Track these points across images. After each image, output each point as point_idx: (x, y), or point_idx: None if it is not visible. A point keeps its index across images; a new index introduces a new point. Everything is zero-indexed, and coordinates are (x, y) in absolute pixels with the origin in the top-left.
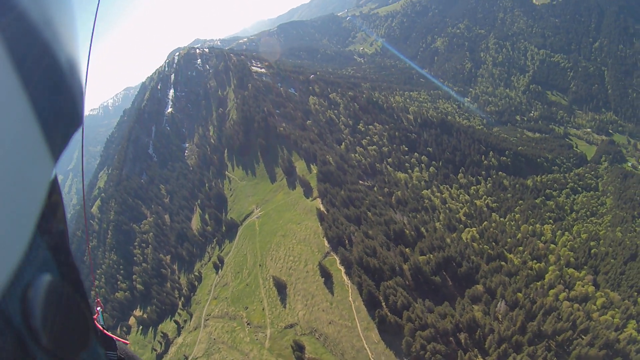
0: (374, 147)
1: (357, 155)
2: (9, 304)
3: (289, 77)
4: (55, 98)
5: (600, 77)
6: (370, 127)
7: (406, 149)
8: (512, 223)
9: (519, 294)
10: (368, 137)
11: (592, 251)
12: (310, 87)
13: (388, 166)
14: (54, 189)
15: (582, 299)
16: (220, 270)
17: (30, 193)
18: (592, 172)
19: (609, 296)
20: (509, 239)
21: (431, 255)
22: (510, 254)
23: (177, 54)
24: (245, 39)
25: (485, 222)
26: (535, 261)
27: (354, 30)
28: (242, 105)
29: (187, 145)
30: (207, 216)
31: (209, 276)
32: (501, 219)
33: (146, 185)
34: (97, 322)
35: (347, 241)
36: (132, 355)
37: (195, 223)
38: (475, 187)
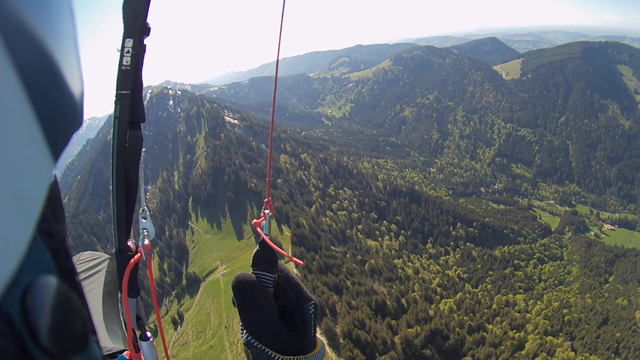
0: (344, 212)
1: (327, 219)
2: (9, 304)
3: (262, 132)
4: (55, 98)
5: (565, 151)
6: (340, 191)
7: (376, 216)
8: (485, 293)
9: None
10: (338, 202)
11: (566, 318)
12: (282, 145)
13: (358, 233)
14: (54, 189)
15: None
16: (179, 326)
17: (30, 194)
18: (557, 242)
19: (590, 359)
20: (486, 310)
21: (419, 328)
22: (489, 324)
23: (150, 91)
24: (216, 87)
25: (460, 293)
26: (515, 331)
27: (323, 93)
28: (213, 155)
29: (149, 187)
30: (165, 266)
31: (166, 331)
32: (474, 289)
33: (103, 223)
34: (261, 229)
35: (328, 311)
36: (286, 272)
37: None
38: (444, 257)
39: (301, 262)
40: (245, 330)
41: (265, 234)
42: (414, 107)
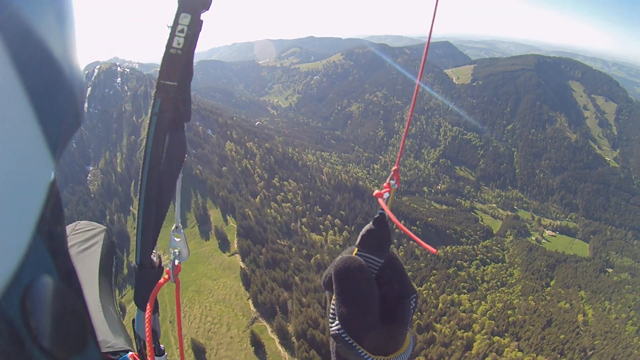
0: (289, 204)
1: (272, 211)
2: (9, 304)
3: (208, 117)
4: (55, 98)
5: (510, 157)
6: (285, 183)
7: (320, 210)
8: (430, 292)
9: None
10: (282, 193)
11: (510, 319)
12: (228, 132)
13: (303, 226)
14: (54, 189)
15: None
16: (122, 319)
17: (30, 194)
18: (499, 245)
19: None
20: (433, 309)
21: None
22: (437, 324)
23: (98, 67)
24: None
25: None
26: (462, 331)
27: (271, 81)
28: None
29: (91, 168)
30: None
31: None
32: (419, 287)
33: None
34: (384, 201)
35: (278, 309)
36: (394, 257)
37: None
38: None
39: (434, 250)
40: (338, 322)
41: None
42: (362, 103)
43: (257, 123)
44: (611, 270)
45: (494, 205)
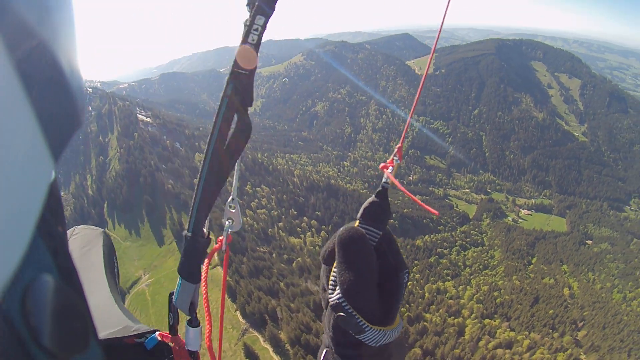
0: (264, 210)
1: (248, 219)
2: (9, 304)
3: (175, 130)
4: (55, 98)
5: (479, 142)
6: (258, 189)
7: (295, 212)
8: (415, 283)
9: (456, 351)
10: (257, 200)
11: (498, 300)
12: (196, 143)
13: (280, 231)
14: (54, 190)
15: (507, 345)
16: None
17: (30, 194)
18: (476, 229)
19: (531, 337)
20: (420, 300)
21: None
22: (427, 313)
23: None
24: (127, 84)
25: None
26: (453, 317)
27: None
28: (127, 156)
29: (62, 194)
30: None
31: None
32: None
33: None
34: (388, 174)
35: (268, 317)
36: (390, 233)
37: None
38: None
39: (436, 212)
40: (339, 291)
41: (388, 185)
42: (326, 102)
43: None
44: (590, 241)
45: (467, 190)
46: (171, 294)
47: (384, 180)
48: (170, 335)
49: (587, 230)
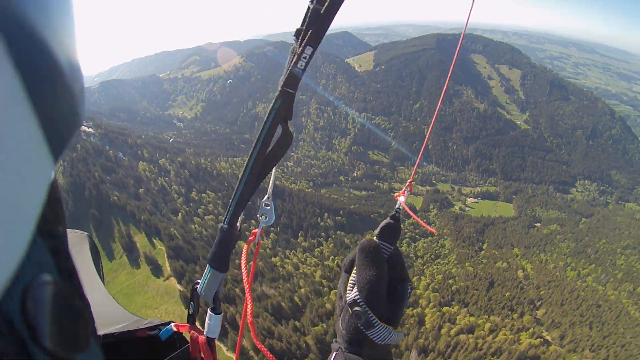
0: (211, 216)
1: (196, 226)
2: (9, 304)
3: (117, 139)
4: (55, 98)
5: (421, 135)
6: (204, 195)
7: (243, 216)
8: None
9: (420, 340)
10: (203, 206)
11: (453, 288)
12: (139, 152)
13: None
14: (54, 189)
15: (468, 330)
16: None
17: (30, 194)
18: (424, 220)
19: (491, 320)
20: None
21: (324, 324)
22: None
23: None
24: None
25: None
26: (411, 308)
27: (174, 93)
28: (71, 169)
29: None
30: None
31: None
32: None
33: None
34: (402, 202)
35: (228, 325)
36: (399, 250)
37: None
38: (318, 249)
39: (434, 230)
40: (357, 290)
41: (400, 210)
42: (267, 103)
43: (172, 140)
44: (539, 224)
45: (413, 183)
46: (195, 285)
47: (397, 206)
48: (188, 325)
49: (535, 214)
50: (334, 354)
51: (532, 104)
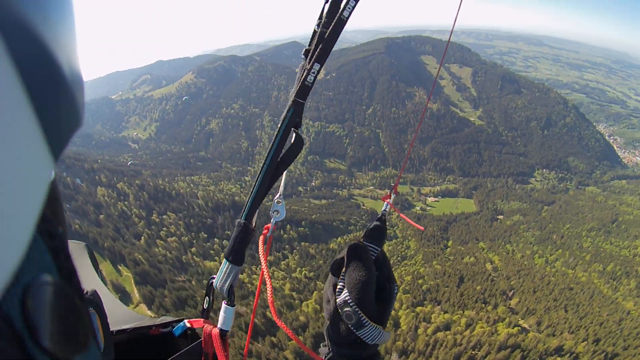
0: (174, 238)
1: (160, 249)
2: (9, 304)
3: (74, 165)
4: (56, 97)
5: (376, 139)
6: (165, 216)
7: (205, 235)
8: None
9: (399, 343)
10: (165, 228)
11: (424, 287)
12: (97, 177)
13: (194, 256)
14: (54, 190)
15: (445, 327)
16: None
17: (30, 193)
18: (387, 223)
19: (466, 315)
20: None
21: (301, 337)
22: None
23: None
24: None
25: (316, 292)
26: None
27: (127, 114)
28: None
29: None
30: None
31: None
32: (323, 284)
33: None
34: (390, 203)
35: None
36: (384, 252)
37: None
38: (284, 261)
39: (421, 227)
40: (346, 290)
41: (386, 213)
42: (220, 118)
43: (129, 163)
44: (502, 216)
45: (371, 187)
46: (211, 279)
47: (383, 208)
48: (201, 320)
49: (496, 207)
50: (324, 357)
51: (484, 100)
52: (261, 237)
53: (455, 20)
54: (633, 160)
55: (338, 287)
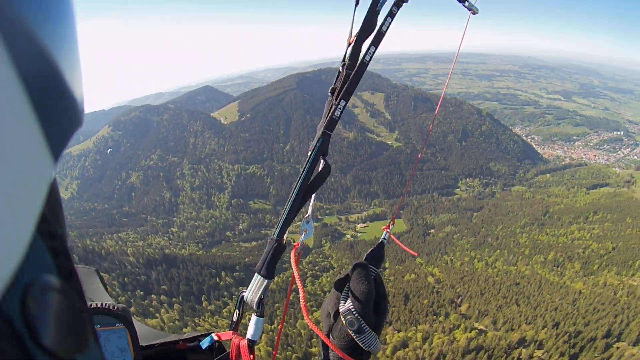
0: (112, 300)
1: None
2: (9, 304)
3: None
4: (56, 98)
5: (297, 175)
6: None
7: (142, 293)
8: (286, 324)
9: None
10: None
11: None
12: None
13: (135, 316)
14: (54, 190)
15: (402, 345)
16: None
17: (30, 194)
18: (321, 256)
19: (420, 329)
20: (298, 338)
21: None
22: (311, 348)
23: None
24: None
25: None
26: None
27: None
28: None
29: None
30: None
31: None
32: (272, 325)
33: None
34: (389, 232)
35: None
36: (380, 274)
37: None
38: (226, 309)
39: (415, 253)
40: (350, 300)
41: (386, 240)
42: (140, 171)
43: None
44: (433, 230)
45: (299, 223)
46: (242, 293)
47: (382, 237)
48: (230, 332)
49: (426, 222)
50: None
51: (399, 122)
52: (292, 251)
53: (461, 42)
54: (553, 154)
55: (343, 294)
